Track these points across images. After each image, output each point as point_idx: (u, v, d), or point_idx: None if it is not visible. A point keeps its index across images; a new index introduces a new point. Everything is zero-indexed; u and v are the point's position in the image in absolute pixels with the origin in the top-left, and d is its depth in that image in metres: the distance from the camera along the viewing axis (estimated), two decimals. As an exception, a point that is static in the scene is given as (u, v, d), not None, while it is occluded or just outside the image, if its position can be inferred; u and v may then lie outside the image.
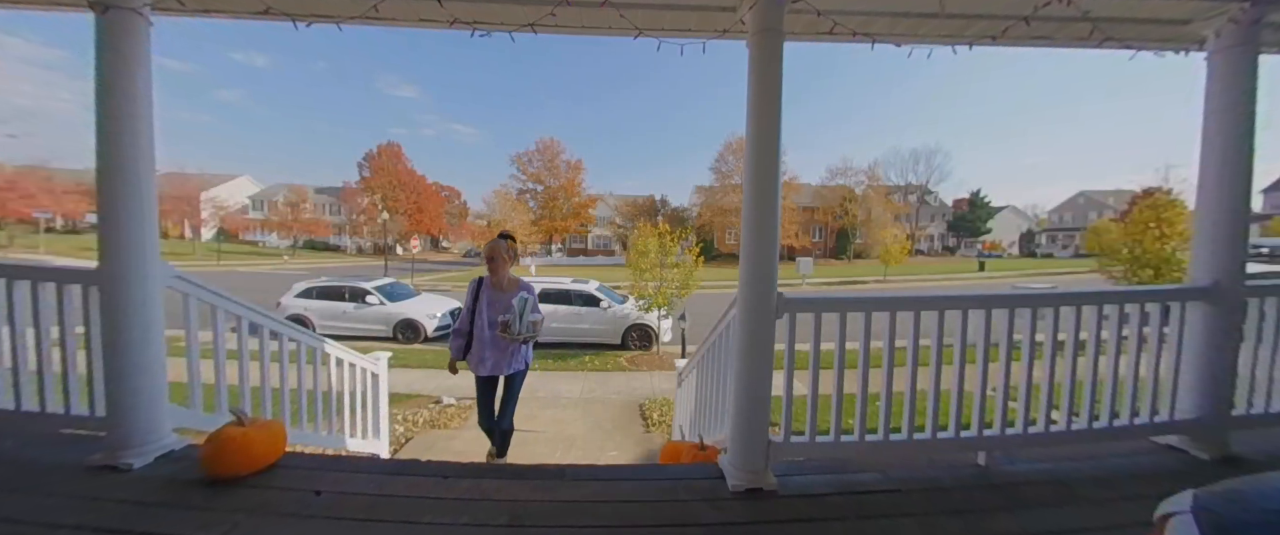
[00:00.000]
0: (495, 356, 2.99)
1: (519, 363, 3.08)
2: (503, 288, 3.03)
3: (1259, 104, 2.18)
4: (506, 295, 2.99)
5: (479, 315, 2.97)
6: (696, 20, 2.23)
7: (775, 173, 1.98)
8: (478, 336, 2.98)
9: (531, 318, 2.92)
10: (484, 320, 2.95)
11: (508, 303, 2.94)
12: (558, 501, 1.93)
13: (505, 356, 3.01)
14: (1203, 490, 0.61)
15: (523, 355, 3.10)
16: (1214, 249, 2.25)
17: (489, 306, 2.98)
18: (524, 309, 2.90)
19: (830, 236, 45.63)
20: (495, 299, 3.00)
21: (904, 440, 2.18)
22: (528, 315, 2.91)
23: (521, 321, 2.87)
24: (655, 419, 6.18)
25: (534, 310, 2.98)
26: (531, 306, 2.96)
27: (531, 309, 2.96)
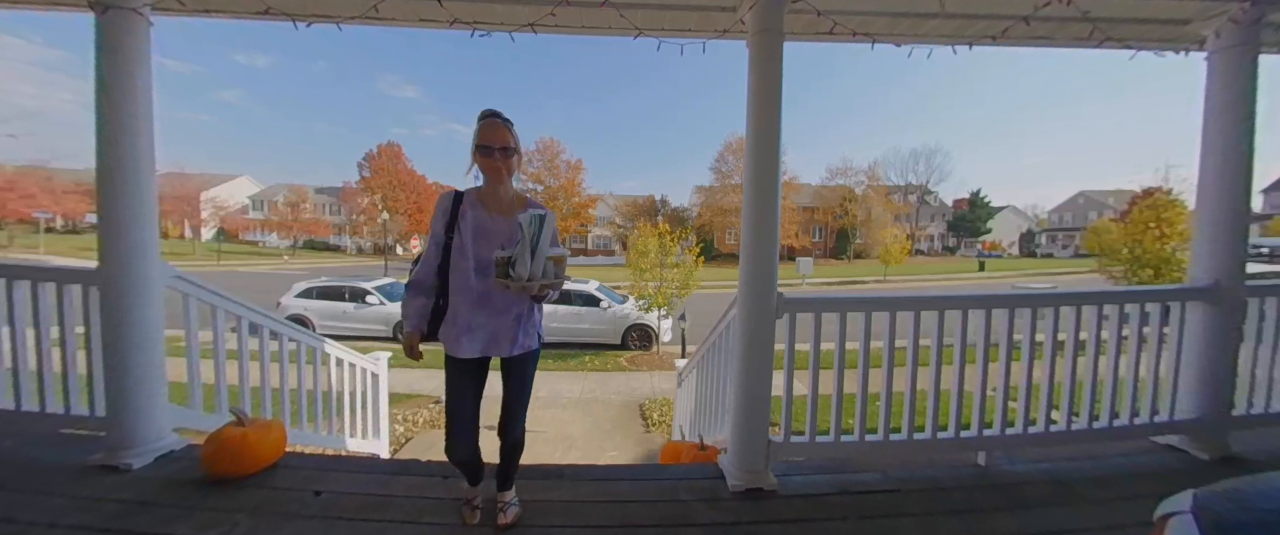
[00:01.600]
0: (491, 324, 1.69)
1: (531, 338, 1.77)
2: (502, 208, 1.76)
3: (1259, 104, 2.18)
4: (507, 220, 1.75)
5: (460, 253, 1.68)
6: (696, 20, 2.23)
7: (775, 173, 1.98)
8: (458, 290, 1.69)
9: (552, 252, 1.65)
10: (469, 261, 1.67)
11: (511, 230, 1.72)
12: (558, 501, 1.93)
13: (508, 324, 1.71)
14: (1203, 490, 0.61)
15: (536, 322, 1.80)
16: (1214, 249, 2.26)
17: (476, 238, 1.69)
18: (538, 233, 1.60)
19: (830, 236, 45.63)
20: (487, 226, 1.71)
21: (904, 440, 2.18)
22: (545, 246, 1.62)
23: (535, 257, 1.59)
24: (655, 419, 6.18)
25: (553, 242, 1.68)
26: (550, 231, 1.65)
27: (550, 238, 1.66)
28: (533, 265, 1.58)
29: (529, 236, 1.57)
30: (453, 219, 1.70)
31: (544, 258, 1.60)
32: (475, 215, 1.70)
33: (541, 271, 1.60)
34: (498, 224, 1.71)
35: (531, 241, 1.57)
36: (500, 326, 1.71)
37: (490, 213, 1.72)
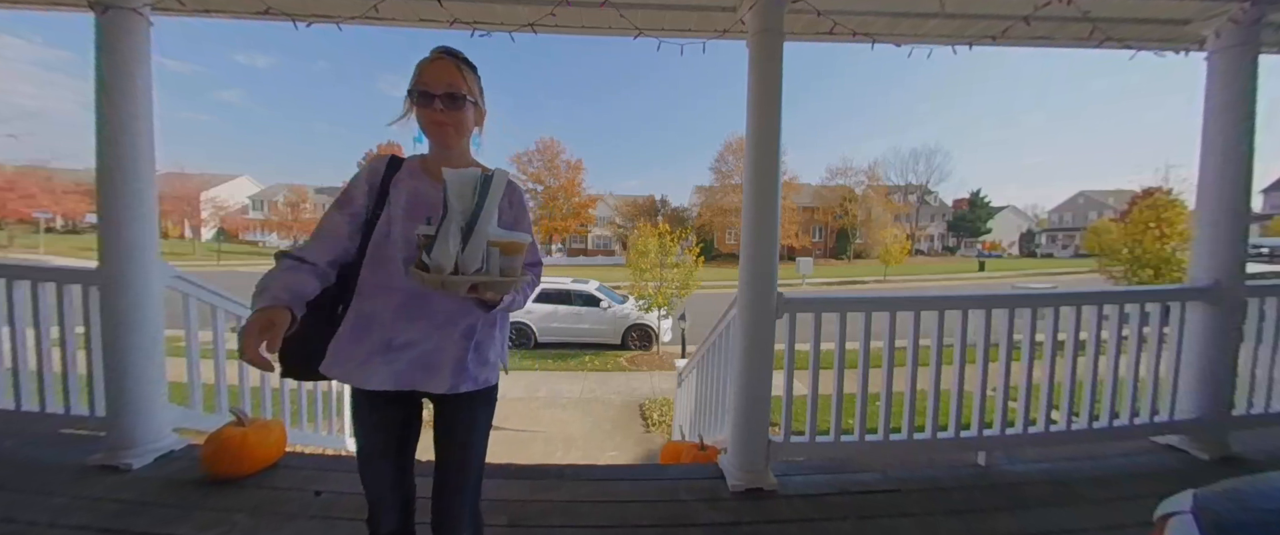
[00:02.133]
0: (425, 342, 1.11)
1: (486, 367, 1.19)
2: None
3: (1259, 104, 2.18)
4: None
5: (385, 238, 1.14)
6: (696, 20, 2.23)
7: (775, 173, 1.98)
8: (376, 289, 1.12)
9: (502, 236, 1.01)
10: (397, 249, 1.12)
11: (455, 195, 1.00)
12: (558, 501, 1.93)
13: (452, 344, 1.13)
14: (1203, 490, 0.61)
15: (498, 344, 1.23)
16: (1214, 249, 2.26)
17: (411, 216, 1.15)
18: (479, 203, 0.98)
19: (830, 236, 45.62)
20: (424, 194, 1.17)
21: (904, 440, 2.18)
22: (489, 223, 0.98)
23: (470, 238, 0.96)
24: (655, 419, 6.18)
25: (519, 221, 1.21)
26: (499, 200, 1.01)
27: (506, 212, 1.19)
28: (465, 250, 0.93)
29: (461, 205, 0.95)
30: (382, 189, 1.14)
31: (485, 241, 0.95)
32: (414, 187, 1.14)
33: (479, 262, 0.95)
34: (437, 189, 1.11)
35: (467, 214, 0.94)
36: (439, 346, 1.09)
37: (431, 178, 1.16)
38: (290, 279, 1.04)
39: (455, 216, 0.95)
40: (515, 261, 1.02)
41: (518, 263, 1.03)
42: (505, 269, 1.00)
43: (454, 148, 1.18)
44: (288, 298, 1.00)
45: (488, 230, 0.97)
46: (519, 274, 1.03)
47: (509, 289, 1.05)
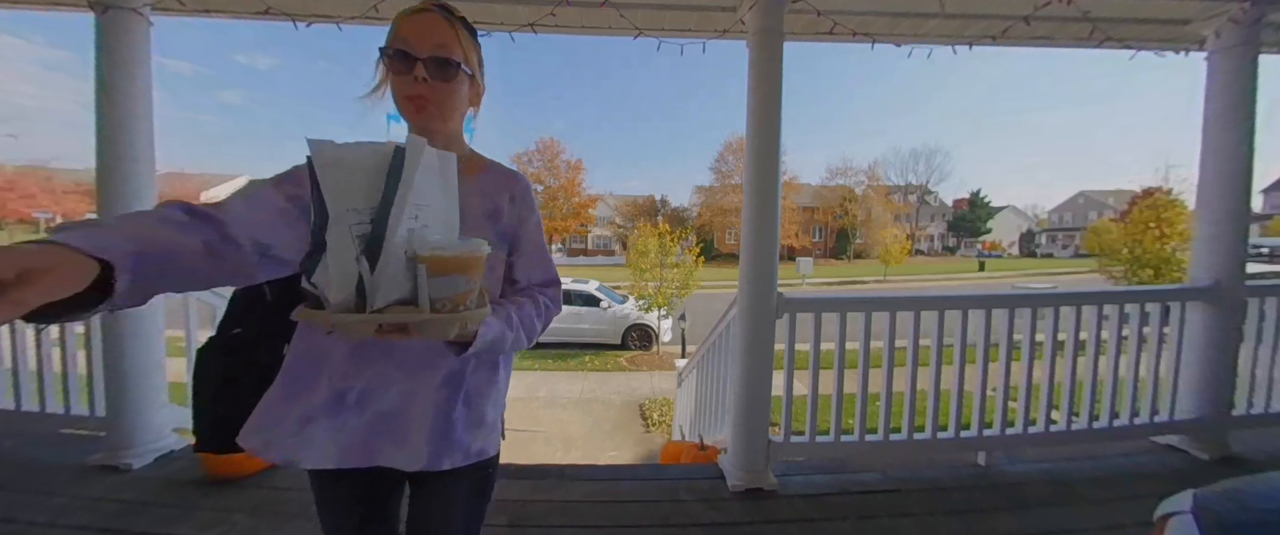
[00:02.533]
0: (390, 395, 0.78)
1: (482, 433, 0.85)
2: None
3: (1259, 104, 2.18)
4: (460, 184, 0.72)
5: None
6: (696, 20, 2.23)
7: (775, 173, 1.98)
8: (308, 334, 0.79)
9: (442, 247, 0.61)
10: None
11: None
12: (558, 501, 1.93)
13: (427, 396, 0.79)
14: (1203, 490, 0.61)
15: (495, 398, 0.89)
16: (1214, 249, 2.26)
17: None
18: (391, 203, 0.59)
19: (830, 236, 45.62)
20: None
21: (904, 440, 2.18)
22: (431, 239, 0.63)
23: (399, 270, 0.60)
24: (655, 419, 6.18)
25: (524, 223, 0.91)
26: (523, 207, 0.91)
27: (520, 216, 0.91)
28: (375, 271, 0.59)
29: (358, 199, 0.60)
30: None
31: (404, 256, 0.62)
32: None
33: (400, 288, 0.62)
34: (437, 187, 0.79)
35: (371, 213, 0.61)
36: (411, 400, 0.78)
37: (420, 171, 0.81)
38: (148, 228, 0.52)
39: (345, 220, 0.57)
40: (470, 283, 0.63)
41: (474, 285, 0.64)
42: (450, 297, 0.61)
43: (439, 133, 0.81)
44: (121, 247, 0.47)
45: (413, 239, 0.61)
46: (476, 302, 0.65)
47: (458, 328, 0.63)
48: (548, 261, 0.95)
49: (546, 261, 0.94)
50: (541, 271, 0.93)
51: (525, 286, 0.92)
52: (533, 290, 0.91)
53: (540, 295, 0.91)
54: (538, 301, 0.89)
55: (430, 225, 0.65)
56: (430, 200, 0.66)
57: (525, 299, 0.88)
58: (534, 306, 0.88)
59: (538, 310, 0.88)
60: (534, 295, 0.90)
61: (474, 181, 0.86)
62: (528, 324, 0.84)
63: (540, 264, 0.93)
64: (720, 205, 41.97)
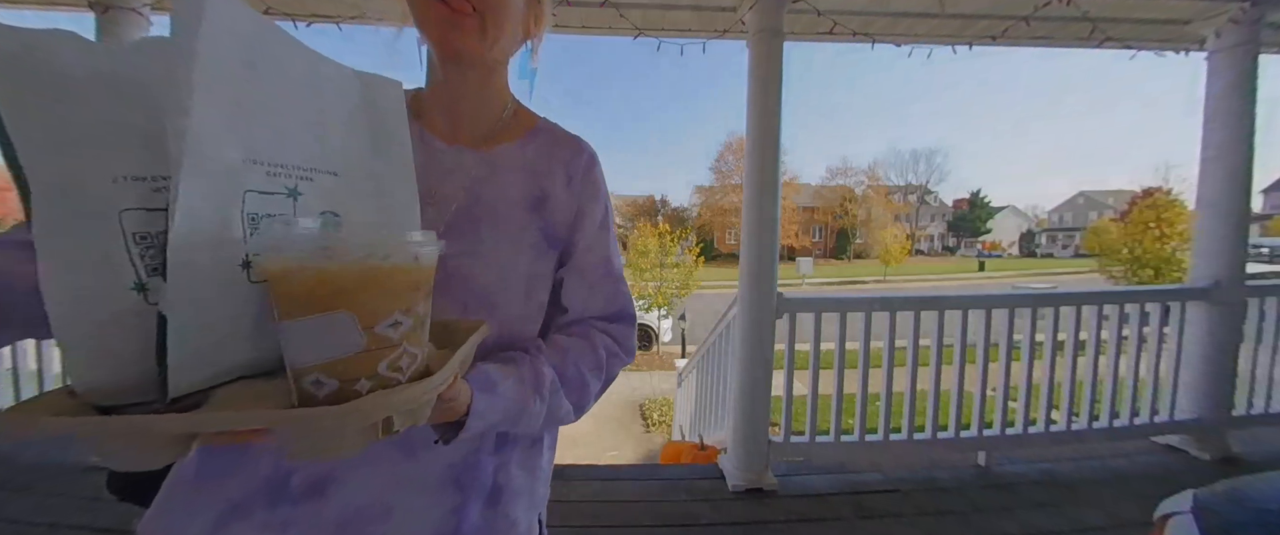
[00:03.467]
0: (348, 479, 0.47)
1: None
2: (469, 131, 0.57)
3: (1259, 104, 2.18)
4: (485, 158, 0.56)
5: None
6: (696, 20, 2.23)
7: (775, 173, 1.98)
8: None
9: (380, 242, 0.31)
10: None
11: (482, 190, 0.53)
12: (558, 501, 1.93)
13: (419, 497, 0.49)
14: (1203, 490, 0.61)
15: (528, 501, 0.58)
16: (1214, 249, 2.26)
17: None
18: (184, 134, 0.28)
19: (830, 236, 45.64)
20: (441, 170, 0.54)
21: (904, 440, 2.18)
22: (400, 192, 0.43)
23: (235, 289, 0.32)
24: (655, 419, 6.18)
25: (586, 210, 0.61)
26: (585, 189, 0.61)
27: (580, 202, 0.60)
28: (168, 301, 0.29)
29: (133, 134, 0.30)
30: None
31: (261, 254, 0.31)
32: None
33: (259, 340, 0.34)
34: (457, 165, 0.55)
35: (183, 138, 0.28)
36: (398, 495, 0.48)
37: (445, 141, 0.56)
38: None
39: (93, 194, 0.30)
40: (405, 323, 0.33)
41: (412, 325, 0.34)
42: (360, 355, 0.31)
43: (474, 60, 0.53)
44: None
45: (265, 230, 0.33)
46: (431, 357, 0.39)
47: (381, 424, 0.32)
48: (617, 282, 0.62)
49: (615, 282, 0.62)
50: (606, 297, 0.61)
51: (578, 319, 0.61)
52: (590, 326, 0.60)
53: (599, 334, 0.59)
54: (596, 345, 0.58)
55: (334, 200, 0.38)
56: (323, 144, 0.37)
57: (576, 340, 0.57)
58: (589, 353, 0.57)
59: (596, 360, 0.57)
60: (591, 334, 0.59)
61: (514, 149, 0.58)
62: (576, 385, 0.55)
63: (605, 285, 0.61)
64: (720, 205, 41.98)
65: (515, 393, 0.48)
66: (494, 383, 0.47)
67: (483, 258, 0.53)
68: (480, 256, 0.53)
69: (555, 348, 0.57)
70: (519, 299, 0.56)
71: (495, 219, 0.55)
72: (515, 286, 0.55)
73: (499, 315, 0.54)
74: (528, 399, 0.50)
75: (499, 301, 0.54)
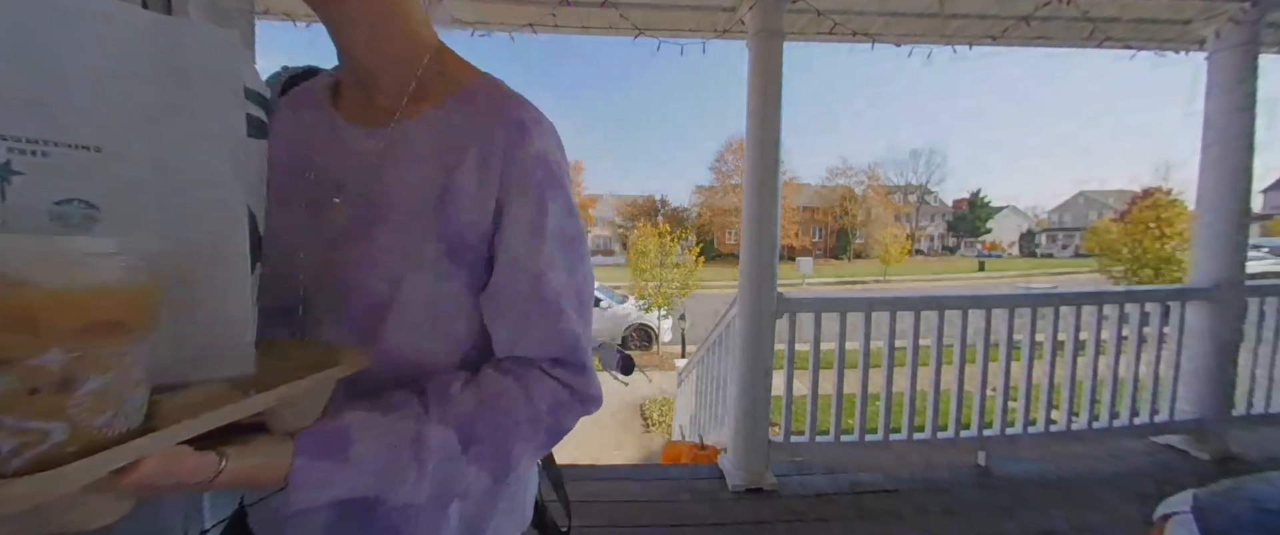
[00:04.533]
0: None
1: None
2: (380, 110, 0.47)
3: (1259, 104, 2.18)
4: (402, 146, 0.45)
5: None
6: (696, 20, 2.23)
7: (775, 173, 1.98)
8: None
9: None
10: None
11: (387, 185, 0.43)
12: (557, 501, 1.93)
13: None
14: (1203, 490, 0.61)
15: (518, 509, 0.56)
16: (1214, 249, 2.26)
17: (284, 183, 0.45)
18: None
19: (830, 236, 45.62)
20: (308, 142, 0.48)
21: (904, 440, 2.18)
22: None
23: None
24: (655, 419, 6.18)
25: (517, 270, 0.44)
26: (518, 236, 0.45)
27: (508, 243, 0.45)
28: None
29: None
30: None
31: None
32: (295, 127, 0.50)
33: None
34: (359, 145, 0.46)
35: None
36: None
37: (354, 119, 0.48)
38: None
39: None
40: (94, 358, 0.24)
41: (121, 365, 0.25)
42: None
43: (381, 28, 0.45)
44: None
45: None
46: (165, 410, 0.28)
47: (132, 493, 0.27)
48: (557, 311, 0.46)
49: (554, 311, 0.46)
50: (542, 333, 0.46)
51: (511, 358, 0.47)
52: (532, 366, 0.46)
53: (542, 378, 0.46)
54: (533, 393, 0.45)
55: (89, 185, 0.29)
56: (65, 106, 0.28)
57: (509, 384, 0.44)
58: (522, 404, 0.44)
59: (532, 413, 0.44)
60: (530, 377, 0.45)
61: (426, 120, 0.45)
62: (492, 448, 0.42)
63: (539, 316, 0.46)
64: (720, 205, 41.97)
65: (377, 460, 0.37)
66: (345, 445, 0.36)
67: (379, 267, 0.43)
68: (376, 265, 0.43)
69: (472, 393, 0.43)
70: (420, 325, 0.44)
71: (388, 217, 0.44)
72: (414, 309, 0.43)
73: (398, 342, 0.43)
74: (397, 471, 0.38)
75: (397, 325, 0.43)
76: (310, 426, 0.35)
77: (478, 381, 0.45)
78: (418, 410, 0.40)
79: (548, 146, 0.47)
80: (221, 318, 0.33)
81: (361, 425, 0.38)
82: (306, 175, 0.46)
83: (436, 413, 0.40)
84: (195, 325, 0.31)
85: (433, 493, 0.40)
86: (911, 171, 52.26)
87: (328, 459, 0.35)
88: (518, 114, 0.46)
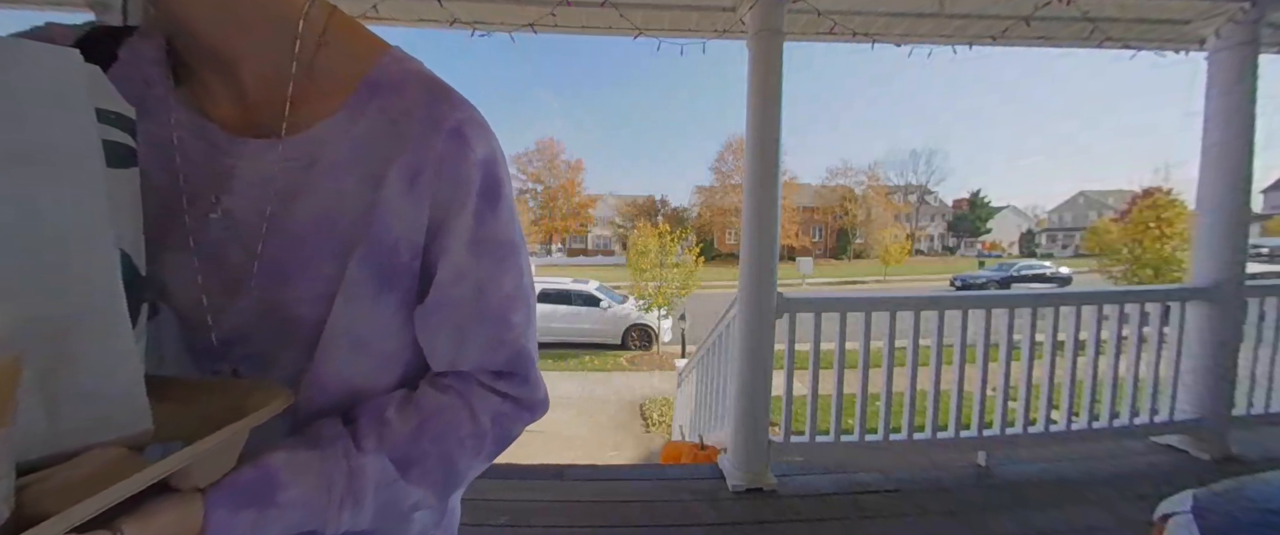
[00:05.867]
0: None
1: None
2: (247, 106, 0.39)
3: (1259, 104, 2.18)
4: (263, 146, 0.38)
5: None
6: (696, 20, 2.23)
7: (775, 173, 1.98)
8: None
9: None
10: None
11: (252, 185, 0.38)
12: (558, 501, 1.93)
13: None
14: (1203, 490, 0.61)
15: None
16: (1214, 249, 2.26)
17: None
18: None
19: (830, 236, 45.63)
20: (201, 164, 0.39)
21: (904, 440, 2.18)
22: None
23: None
24: (655, 419, 6.18)
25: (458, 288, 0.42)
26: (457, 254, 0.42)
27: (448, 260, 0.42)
28: None
29: None
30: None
31: None
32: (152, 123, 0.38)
33: None
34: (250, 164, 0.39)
35: None
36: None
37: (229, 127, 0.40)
38: None
39: None
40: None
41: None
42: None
43: None
44: None
45: None
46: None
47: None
48: (500, 321, 0.45)
49: (497, 322, 0.45)
50: (485, 345, 0.45)
51: (451, 373, 0.46)
52: (471, 381, 0.45)
53: (483, 392, 0.45)
54: (476, 409, 0.44)
55: None
56: None
57: (448, 401, 0.44)
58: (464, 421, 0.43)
59: (475, 429, 0.44)
60: (470, 392, 0.45)
61: (333, 125, 0.40)
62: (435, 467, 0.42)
63: (480, 328, 0.44)
64: (720, 205, 41.98)
65: (310, 500, 0.35)
66: (272, 490, 0.34)
67: (302, 301, 0.39)
68: (300, 298, 0.39)
69: (410, 415, 0.41)
70: (352, 352, 0.41)
71: (305, 247, 0.39)
72: (344, 337, 0.40)
73: (330, 371, 0.41)
74: (331, 508, 0.36)
75: (328, 354, 0.40)
76: (226, 477, 0.32)
77: (415, 401, 0.43)
78: (348, 442, 0.38)
79: (487, 151, 0.43)
80: (104, 376, 0.29)
81: (291, 466, 0.35)
82: (181, 199, 0.39)
83: (370, 441, 0.39)
84: (74, 389, 0.28)
85: (377, 516, 0.39)
86: (911, 171, 52.26)
87: (253, 508, 0.33)
88: (455, 118, 0.41)
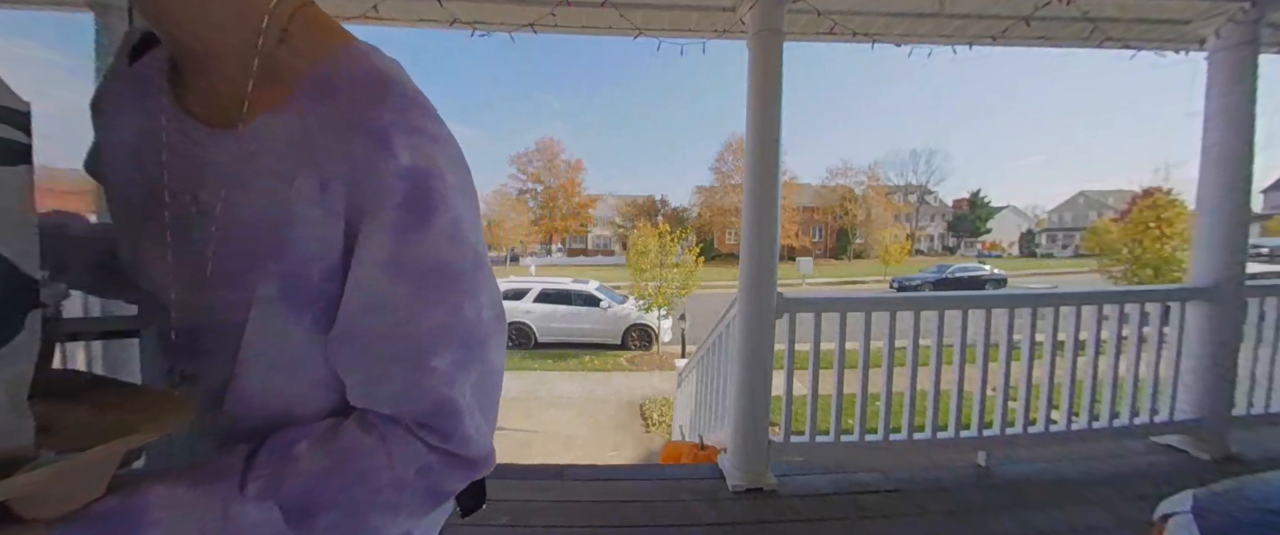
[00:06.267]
0: None
1: None
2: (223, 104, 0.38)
3: (1259, 104, 2.18)
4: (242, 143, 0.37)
5: None
6: (696, 20, 2.23)
7: (775, 173, 1.98)
8: None
9: None
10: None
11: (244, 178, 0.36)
12: (558, 501, 1.93)
13: None
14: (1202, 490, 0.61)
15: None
16: (1214, 249, 2.26)
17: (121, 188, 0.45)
18: None
19: (830, 236, 45.63)
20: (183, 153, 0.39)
21: (904, 440, 2.18)
22: None
23: None
24: (655, 419, 6.18)
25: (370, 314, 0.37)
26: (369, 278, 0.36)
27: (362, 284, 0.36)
28: None
29: None
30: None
31: None
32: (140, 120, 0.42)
33: None
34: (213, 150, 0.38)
35: None
36: None
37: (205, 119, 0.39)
38: None
39: None
40: None
41: None
42: None
43: None
44: None
45: None
46: None
47: None
48: (418, 365, 0.38)
49: (414, 365, 0.39)
50: (398, 389, 0.39)
51: (373, 413, 0.40)
52: (395, 426, 0.39)
53: (404, 436, 0.39)
54: (393, 456, 0.38)
55: None
56: None
57: (369, 442, 0.38)
58: (382, 468, 0.38)
59: (394, 479, 0.38)
60: (390, 435, 0.39)
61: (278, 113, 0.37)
62: (341, 521, 0.37)
63: (391, 369, 0.39)
64: (720, 205, 41.98)
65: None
66: (131, 531, 0.30)
67: (227, 301, 0.37)
68: (226, 298, 0.37)
69: (323, 454, 0.36)
70: (273, 368, 0.38)
71: (228, 245, 0.37)
72: (261, 351, 0.37)
73: (254, 384, 0.38)
74: None
75: (250, 366, 0.38)
76: (87, 507, 0.29)
77: (334, 437, 0.37)
78: (233, 484, 0.33)
79: (420, 159, 0.36)
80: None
81: (168, 503, 0.31)
82: (156, 184, 0.39)
83: (259, 483, 0.34)
84: None
85: None
86: (911, 171, 52.27)
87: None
88: (382, 120, 0.35)
